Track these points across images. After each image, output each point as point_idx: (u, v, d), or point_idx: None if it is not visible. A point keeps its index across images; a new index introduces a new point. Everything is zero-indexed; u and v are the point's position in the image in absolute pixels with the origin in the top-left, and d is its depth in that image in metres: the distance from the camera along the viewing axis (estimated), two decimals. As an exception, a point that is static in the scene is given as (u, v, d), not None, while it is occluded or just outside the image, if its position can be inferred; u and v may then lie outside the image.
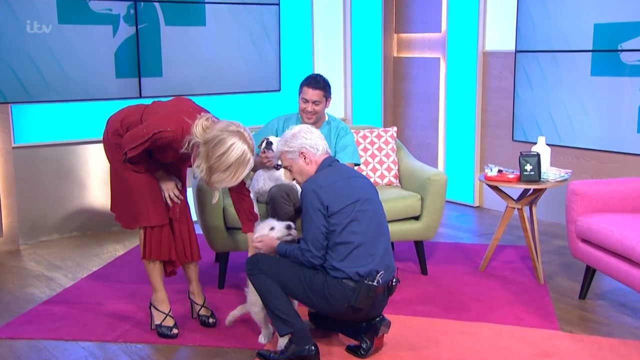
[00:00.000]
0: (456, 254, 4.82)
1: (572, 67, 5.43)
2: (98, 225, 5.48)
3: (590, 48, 5.29)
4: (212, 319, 3.62)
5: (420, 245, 4.38)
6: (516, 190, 4.26)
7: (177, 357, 3.35)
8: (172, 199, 3.47)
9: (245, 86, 5.89)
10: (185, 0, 5.50)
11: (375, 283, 3.07)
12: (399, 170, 4.66)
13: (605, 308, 3.87)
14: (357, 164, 4.22)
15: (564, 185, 4.21)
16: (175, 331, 3.49)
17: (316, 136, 3.27)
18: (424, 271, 4.40)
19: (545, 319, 3.69)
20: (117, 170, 3.43)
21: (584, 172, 5.41)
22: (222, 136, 3.09)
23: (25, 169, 5.16)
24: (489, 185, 4.26)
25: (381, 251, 3.16)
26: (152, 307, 3.55)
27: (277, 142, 3.38)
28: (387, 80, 6.78)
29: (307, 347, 3.15)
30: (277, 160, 3.38)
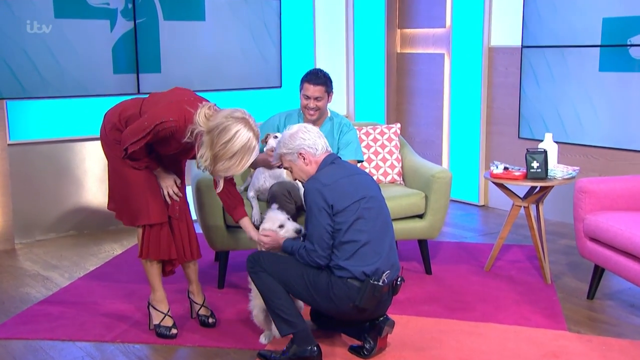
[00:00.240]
0: (461, 254, 4.81)
1: (580, 63, 5.42)
2: (95, 224, 5.48)
3: (598, 43, 5.27)
4: (212, 319, 3.61)
5: (424, 244, 4.37)
6: (522, 188, 4.25)
7: (176, 357, 3.34)
8: (171, 197, 3.47)
9: (245, 82, 5.89)
10: (184, -5, 5.51)
11: (380, 283, 3.07)
12: (402, 167, 4.66)
13: (614, 308, 3.86)
14: (360, 160, 4.21)
15: (571, 183, 4.21)
16: (174, 331, 3.49)
17: (314, 135, 3.24)
18: (428, 271, 4.39)
19: (553, 320, 3.68)
20: (115, 167, 3.42)
21: (591, 169, 5.40)
22: (226, 123, 3.08)
23: (20, 167, 5.16)
24: (494, 182, 4.25)
25: (386, 249, 3.15)
26: (151, 306, 3.54)
27: (276, 144, 3.35)
28: (390, 77, 6.77)
29: (309, 347, 3.15)
30: (277, 162, 3.36)
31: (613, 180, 4.00)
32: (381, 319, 3.21)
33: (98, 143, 3.63)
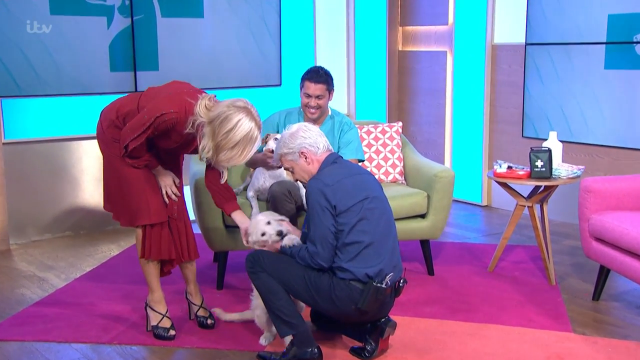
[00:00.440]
0: (463, 254, 4.81)
1: (585, 60, 5.42)
2: (92, 224, 5.47)
3: (604, 40, 5.27)
4: (211, 320, 3.61)
5: (426, 245, 4.37)
6: (526, 187, 4.25)
7: (174, 359, 3.34)
8: (169, 197, 3.46)
9: (244, 80, 5.89)
10: (182, -9, 5.51)
11: (384, 285, 3.06)
12: (404, 166, 4.65)
13: (620, 310, 3.85)
14: (361, 160, 4.20)
15: (576, 183, 4.20)
16: (172, 333, 3.48)
17: (315, 134, 3.24)
18: (431, 271, 4.39)
19: (557, 321, 3.67)
20: (113, 165, 3.40)
21: (597, 169, 5.40)
22: (228, 112, 3.08)
23: (16, 166, 5.16)
24: (497, 182, 4.25)
25: (389, 251, 3.14)
26: (148, 307, 3.54)
27: (275, 144, 3.34)
28: (391, 75, 6.77)
29: (310, 349, 3.14)
30: (277, 162, 3.35)
31: (619, 179, 4.00)
32: (383, 320, 3.21)
33: (95, 142, 3.62)
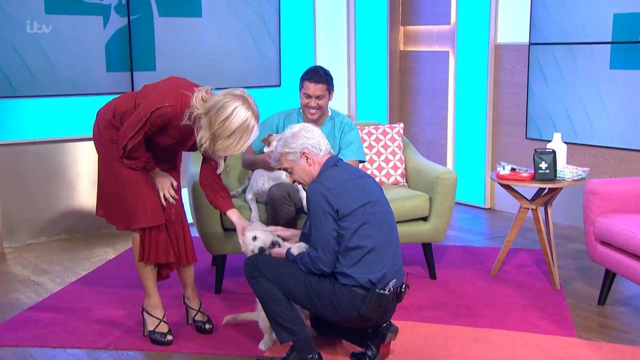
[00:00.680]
0: (466, 258, 4.80)
1: (590, 60, 5.42)
2: (87, 227, 5.47)
3: (609, 40, 5.27)
4: (209, 325, 3.60)
5: (428, 248, 4.36)
6: (530, 190, 4.24)
7: (171, 365, 3.34)
8: (167, 199, 3.45)
9: (243, 81, 5.88)
10: (180, -10, 5.51)
11: (386, 292, 3.05)
12: (405, 168, 4.65)
13: (626, 314, 3.85)
14: (362, 161, 4.20)
15: (581, 185, 4.19)
16: (170, 338, 3.47)
17: (318, 135, 3.24)
18: (433, 275, 4.38)
19: (562, 326, 3.67)
20: (110, 167, 3.38)
21: (602, 171, 5.39)
22: (224, 100, 3.10)
23: (10, 168, 5.15)
24: (501, 184, 4.24)
25: (392, 256, 3.13)
26: (145, 312, 3.53)
27: (276, 143, 3.33)
28: (393, 75, 6.77)
29: (310, 356, 3.13)
30: (275, 163, 3.33)
31: (624, 181, 4.00)
32: (384, 325, 3.20)
33: (91, 143, 3.61)
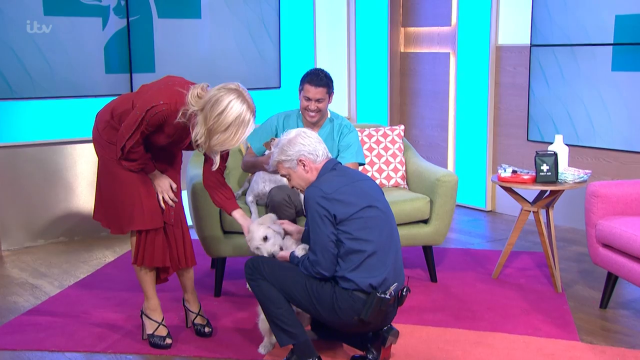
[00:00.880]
0: (467, 261, 4.80)
1: (592, 62, 5.42)
2: (86, 230, 5.47)
3: (611, 41, 5.28)
4: (208, 328, 3.60)
5: (429, 251, 4.37)
6: (532, 192, 4.25)
7: (171, 369, 3.34)
8: (166, 202, 3.45)
9: (243, 83, 5.59)
10: (179, -9, 5.52)
11: (387, 296, 3.05)
12: (406, 171, 4.65)
13: (628, 318, 3.85)
14: (361, 164, 4.20)
15: (582, 187, 4.20)
16: (169, 341, 3.48)
17: (314, 140, 3.22)
18: (434, 278, 4.39)
19: (564, 329, 3.67)
20: (109, 169, 3.39)
21: (604, 173, 5.40)
22: (218, 94, 3.10)
23: (8, 170, 5.16)
24: (502, 186, 4.24)
25: (393, 259, 3.13)
26: (144, 315, 3.54)
27: (273, 150, 3.33)
28: (393, 77, 6.78)
29: (310, 359, 3.13)
30: (273, 169, 3.33)
31: (626, 184, 4.00)
32: (385, 328, 3.20)
33: (89, 146, 3.62)
